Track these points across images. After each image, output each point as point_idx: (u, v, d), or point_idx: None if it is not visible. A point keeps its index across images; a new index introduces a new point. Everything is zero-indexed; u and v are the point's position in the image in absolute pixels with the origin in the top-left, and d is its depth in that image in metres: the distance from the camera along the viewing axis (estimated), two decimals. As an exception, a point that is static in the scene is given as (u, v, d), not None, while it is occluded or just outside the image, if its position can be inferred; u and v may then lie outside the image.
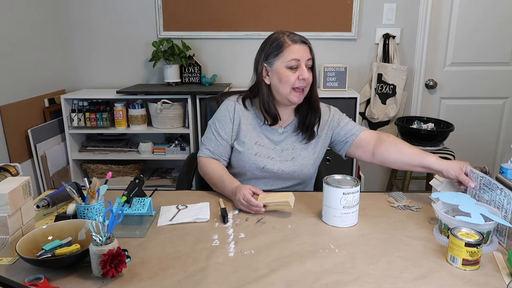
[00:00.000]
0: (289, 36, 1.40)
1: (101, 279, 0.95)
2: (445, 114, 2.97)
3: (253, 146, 1.48)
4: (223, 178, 1.43)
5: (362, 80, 2.89)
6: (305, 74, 1.37)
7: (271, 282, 0.94)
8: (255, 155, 1.47)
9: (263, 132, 1.50)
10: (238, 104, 1.52)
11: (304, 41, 1.40)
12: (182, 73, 2.82)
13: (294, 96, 1.41)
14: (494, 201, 1.15)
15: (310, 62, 1.40)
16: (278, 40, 1.40)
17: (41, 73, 2.65)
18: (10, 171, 1.36)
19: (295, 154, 1.49)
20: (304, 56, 1.38)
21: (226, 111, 1.51)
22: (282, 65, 1.38)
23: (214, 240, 1.14)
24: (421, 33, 2.78)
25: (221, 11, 2.78)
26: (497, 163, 3.04)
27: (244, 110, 1.51)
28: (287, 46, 1.38)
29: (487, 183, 1.18)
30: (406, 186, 2.61)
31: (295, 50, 1.37)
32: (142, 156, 2.73)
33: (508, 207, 1.09)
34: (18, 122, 2.40)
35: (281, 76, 1.39)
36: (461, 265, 0.99)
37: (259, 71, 1.44)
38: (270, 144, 1.50)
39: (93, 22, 2.82)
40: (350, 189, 1.18)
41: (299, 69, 1.38)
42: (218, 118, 1.52)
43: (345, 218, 1.20)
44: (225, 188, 1.40)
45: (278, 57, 1.39)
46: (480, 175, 1.22)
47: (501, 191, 1.12)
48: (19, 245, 0.98)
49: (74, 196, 1.16)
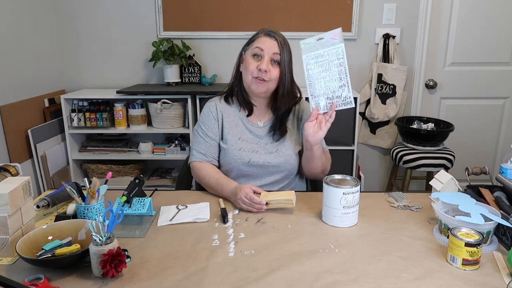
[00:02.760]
0: (265, 30, 1.47)
1: (101, 279, 0.95)
2: (445, 114, 2.97)
3: (236, 141, 1.51)
4: (220, 181, 1.43)
5: (362, 80, 2.90)
6: (263, 66, 1.41)
7: (271, 282, 0.94)
8: (239, 150, 1.49)
9: (246, 127, 1.53)
10: (220, 103, 1.56)
11: (275, 37, 1.44)
12: (182, 73, 2.82)
13: (253, 84, 1.45)
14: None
15: (276, 57, 1.43)
16: (256, 33, 1.49)
17: (41, 73, 2.65)
18: (10, 171, 1.36)
19: (279, 145, 1.52)
20: (270, 48, 1.42)
21: (209, 112, 1.55)
22: (249, 53, 1.46)
23: (214, 240, 1.14)
24: (421, 33, 2.79)
25: (221, 11, 2.78)
26: (497, 163, 3.04)
27: (227, 106, 1.55)
28: (258, 37, 1.46)
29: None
30: (406, 186, 2.61)
31: (262, 40, 1.44)
32: (142, 156, 2.73)
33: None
34: (18, 122, 2.40)
35: (246, 63, 1.46)
36: (461, 265, 0.99)
37: (237, 60, 1.54)
38: (254, 138, 1.52)
39: (93, 22, 2.82)
40: (350, 189, 1.18)
41: (261, 59, 1.43)
42: (203, 120, 1.55)
43: (345, 218, 1.20)
44: (223, 190, 1.41)
45: (249, 47, 1.48)
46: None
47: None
48: (19, 245, 0.98)
49: (74, 196, 1.16)
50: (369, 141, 3.00)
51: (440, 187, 1.32)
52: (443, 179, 1.33)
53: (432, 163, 2.50)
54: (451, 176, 1.31)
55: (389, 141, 2.97)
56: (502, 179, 1.26)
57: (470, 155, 3.00)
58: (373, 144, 3.01)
